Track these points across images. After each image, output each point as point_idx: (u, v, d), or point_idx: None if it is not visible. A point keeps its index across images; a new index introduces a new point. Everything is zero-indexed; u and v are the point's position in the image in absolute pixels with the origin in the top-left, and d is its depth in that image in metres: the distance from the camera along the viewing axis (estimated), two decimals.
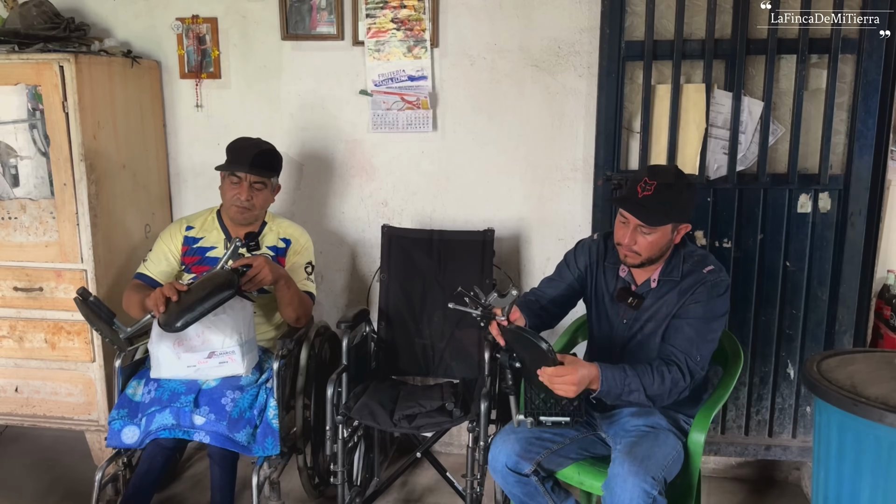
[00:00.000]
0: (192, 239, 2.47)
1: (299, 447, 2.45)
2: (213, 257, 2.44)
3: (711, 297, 1.91)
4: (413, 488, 2.74)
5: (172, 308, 2.08)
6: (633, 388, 1.81)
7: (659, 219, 1.88)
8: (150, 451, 2.20)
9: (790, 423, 2.65)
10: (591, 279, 2.12)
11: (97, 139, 2.53)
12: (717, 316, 1.93)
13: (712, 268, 1.94)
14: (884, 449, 1.44)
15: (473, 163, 2.81)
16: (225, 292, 2.09)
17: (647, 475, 1.75)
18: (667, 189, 1.86)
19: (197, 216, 2.53)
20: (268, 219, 2.52)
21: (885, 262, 2.61)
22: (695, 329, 1.89)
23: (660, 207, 1.86)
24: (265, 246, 2.47)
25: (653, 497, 1.74)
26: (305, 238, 2.54)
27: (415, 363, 2.68)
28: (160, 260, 2.44)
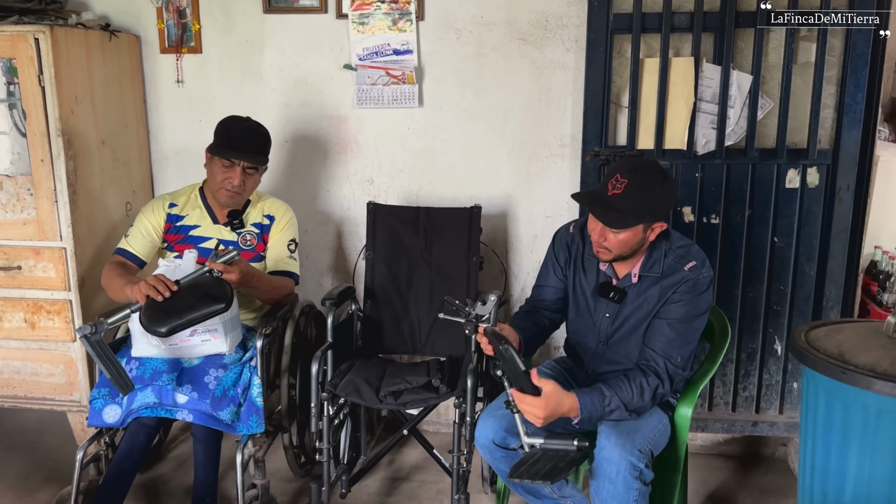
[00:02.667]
0: (176, 216, 2.42)
1: (284, 426, 2.42)
2: (197, 236, 2.40)
3: (693, 296, 1.85)
4: (400, 466, 2.72)
5: (159, 308, 2.02)
6: (613, 406, 1.77)
7: (625, 221, 1.78)
8: (133, 430, 2.17)
9: (777, 399, 2.66)
10: (572, 274, 2.07)
11: (75, 114, 2.48)
12: (699, 314, 1.87)
13: (694, 264, 1.86)
14: (871, 417, 1.44)
15: (460, 139, 2.78)
16: (217, 305, 2.03)
17: (633, 448, 1.74)
18: (639, 188, 1.75)
19: (179, 193, 2.48)
20: (251, 196, 2.48)
21: (873, 238, 2.62)
22: (675, 331, 1.83)
23: (628, 207, 1.76)
24: (249, 223, 2.43)
25: (639, 470, 1.73)
26: (289, 215, 2.50)
27: (401, 341, 2.65)
28: (142, 236, 2.39)
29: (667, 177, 1.80)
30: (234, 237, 2.41)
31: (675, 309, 1.85)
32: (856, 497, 1.51)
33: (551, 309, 2.14)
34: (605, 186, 1.80)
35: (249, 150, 2.32)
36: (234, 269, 2.12)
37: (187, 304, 2.02)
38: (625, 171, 1.77)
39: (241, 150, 2.31)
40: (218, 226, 2.41)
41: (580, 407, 1.75)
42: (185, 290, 2.06)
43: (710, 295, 1.89)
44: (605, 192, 1.79)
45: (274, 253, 2.44)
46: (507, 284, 2.87)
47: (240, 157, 2.30)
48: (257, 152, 2.36)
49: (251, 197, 2.47)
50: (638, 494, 1.74)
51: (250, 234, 2.43)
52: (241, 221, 2.41)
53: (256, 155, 2.35)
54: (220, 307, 2.03)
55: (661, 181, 1.78)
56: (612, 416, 1.79)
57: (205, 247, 2.38)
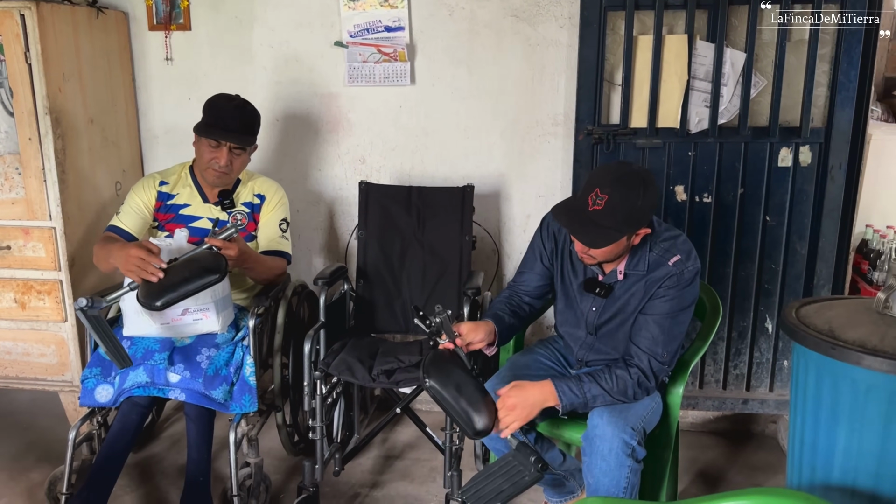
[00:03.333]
0: (166, 195, 2.41)
1: (278, 405, 2.43)
2: (188, 215, 2.39)
3: (678, 290, 1.81)
4: (393, 444, 2.74)
5: (155, 283, 2.00)
6: (594, 393, 1.76)
7: (608, 237, 1.72)
8: (125, 410, 2.17)
9: (767, 376, 2.68)
10: (559, 264, 2.05)
11: (62, 92, 2.45)
12: (685, 307, 1.84)
13: (678, 258, 1.82)
14: (860, 392, 1.45)
15: (452, 117, 2.76)
16: (211, 276, 2.00)
17: (626, 426, 1.75)
18: (620, 202, 1.68)
19: (170, 172, 2.46)
20: (241, 175, 2.46)
21: (864, 217, 2.62)
22: (660, 327, 1.81)
23: (609, 223, 1.70)
24: (239, 203, 2.42)
25: (632, 447, 1.74)
26: (280, 194, 2.48)
27: (394, 321, 2.66)
28: (133, 213, 2.37)
29: (648, 185, 1.72)
30: (224, 217, 2.39)
31: (660, 304, 1.82)
32: (844, 471, 1.53)
33: (532, 295, 2.11)
34: (585, 200, 1.72)
35: (235, 130, 2.29)
36: (233, 245, 2.11)
37: (182, 278, 1.99)
38: (605, 184, 1.69)
39: (227, 130, 2.27)
40: (208, 205, 2.40)
41: (558, 394, 1.75)
42: (181, 265, 2.04)
43: (695, 287, 1.85)
44: (584, 206, 1.71)
45: (265, 233, 2.43)
46: (499, 264, 2.87)
47: (225, 137, 2.27)
48: (244, 132, 2.32)
49: (241, 176, 2.45)
50: (630, 471, 1.75)
51: (241, 213, 2.41)
52: (231, 201, 2.39)
53: (243, 135, 2.31)
54: (214, 278, 2.00)
55: (643, 191, 1.70)
56: (596, 403, 1.77)
57: (195, 226, 2.37)
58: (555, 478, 2.13)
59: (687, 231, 2.55)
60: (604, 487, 1.75)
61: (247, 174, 2.48)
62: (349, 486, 2.46)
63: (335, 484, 2.46)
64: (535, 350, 2.16)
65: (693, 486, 2.50)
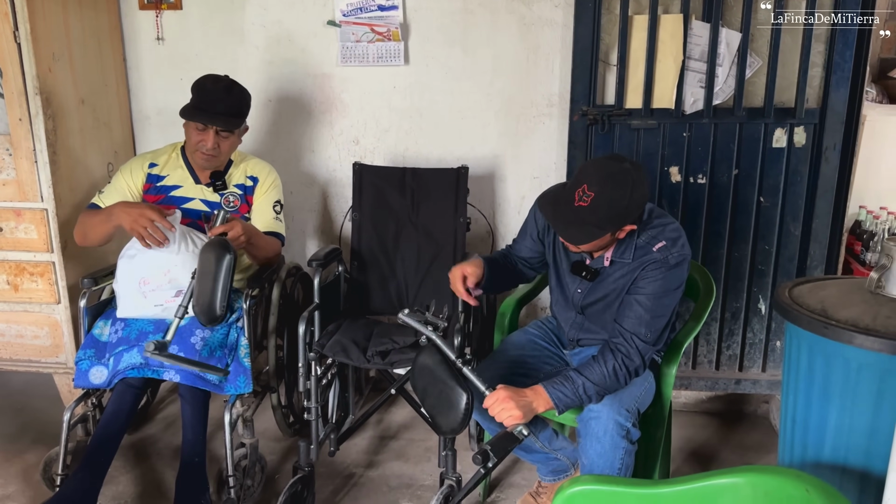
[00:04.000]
0: (156, 177, 2.39)
1: (273, 386, 2.43)
2: (179, 197, 2.37)
3: (664, 273, 1.79)
4: (388, 425, 2.75)
5: (200, 302, 1.99)
6: (587, 389, 1.74)
7: (591, 234, 1.70)
8: (119, 391, 2.17)
9: (760, 357, 2.69)
10: (551, 244, 2.05)
11: (52, 72, 2.42)
12: (671, 290, 1.81)
13: (663, 244, 1.79)
14: (852, 371, 1.46)
15: (447, 98, 2.74)
16: (227, 257, 1.99)
17: (620, 407, 1.76)
18: (606, 202, 1.65)
19: (160, 152, 2.44)
20: (234, 156, 2.44)
21: (858, 198, 2.62)
22: (645, 308, 1.79)
23: (594, 220, 1.67)
24: (232, 185, 2.40)
25: (626, 428, 1.75)
26: (273, 176, 2.47)
27: (388, 302, 2.65)
28: (116, 194, 2.35)
29: (636, 184, 1.67)
30: (216, 198, 2.38)
31: (645, 286, 1.80)
32: (835, 449, 1.54)
33: (525, 264, 2.13)
34: (572, 194, 1.68)
35: (221, 113, 2.25)
36: (235, 223, 2.11)
37: (213, 280, 1.97)
38: (593, 182, 1.65)
39: (212, 113, 2.24)
40: (200, 186, 2.38)
41: (550, 398, 1.73)
42: (202, 273, 2.00)
43: (682, 271, 1.82)
44: (571, 200, 1.68)
45: (259, 215, 2.42)
46: (494, 245, 2.87)
47: (210, 120, 2.24)
48: (230, 115, 2.28)
49: (234, 157, 2.43)
50: (624, 453, 1.76)
51: (233, 195, 2.40)
52: (223, 182, 2.38)
53: (229, 118, 2.27)
54: (229, 258, 1.98)
55: (630, 191, 1.66)
56: (590, 395, 1.76)
57: (187, 207, 2.36)
58: (547, 456, 2.15)
59: (681, 212, 2.55)
60: (598, 469, 1.76)
61: (239, 155, 2.46)
62: (344, 467, 2.48)
63: (330, 464, 2.48)
64: (529, 331, 2.17)
65: (686, 465, 2.52)
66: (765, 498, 1.23)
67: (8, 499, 2.28)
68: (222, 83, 2.29)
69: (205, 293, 1.99)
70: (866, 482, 1.50)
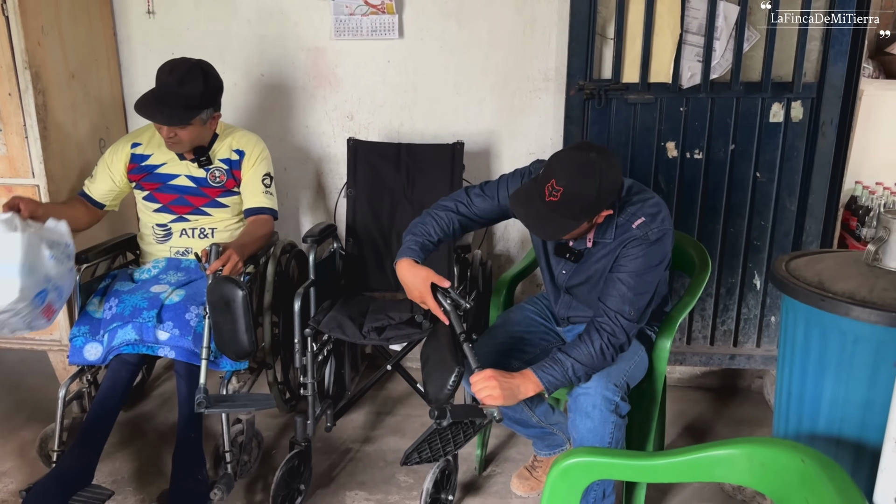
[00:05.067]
0: (141, 156, 2.36)
1: (269, 362, 2.43)
2: (164, 174, 2.35)
3: (644, 249, 1.76)
4: (384, 401, 2.76)
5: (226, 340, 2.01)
6: (576, 370, 1.74)
7: (563, 228, 1.68)
8: (114, 367, 2.16)
9: (755, 332, 2.70)
10: None
11: (42, 46, 2.38)
12: (652, 266, 1.78)
13: (642, 220, 1.76)
14: (848, 343, 1.46)
15: (442, 73, 2.71)
16: (239, 296, 1.96)
17: (608, 382, 1.76)
18: (576, 195, 1.62)
19: (143, 131, 2.41)
20: (219, 129, 2.39)
21: (854, 173, 2.62)
22: (627, 285, 1.77)
23: (566, 213, 1.65)
24: (217, 159, 2.36)
25: (615, 403, 1.76)
26: (260, 148, 2.42)
27: (384, 279, 2.65)
28: (103, 179, 2.36)
29: (605, 173, 1.63)
30: (202, 174, 2.35)
31: (626, 263, 1.78)
32: (830, 421, 1.55)
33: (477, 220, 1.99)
34: (542, 190, 1.65)
35: (166, 112, 2.16)
36: (229, 253, 2.07)
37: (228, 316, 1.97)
38: (560, 176, 1.62)
39: (154, 110, 2.16)
40: (185, 162, 2.35)
41: (540, 381, 1.74)
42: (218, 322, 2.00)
43: (664, 246, 1.78)
44: (542, 196, 1.65)
45: (249, 190, 2.39)
46: None
47: (150, 116, 2.18)
48: (177, 108, 2.16)
49: (219, 130, 2.38)
50: (614, 427, 1.77)
51: (219, 170, 2.37)
52: (207, 157, 2.34)
53: (173, 114, 2.16)
54: (242, 293, 1.96)
55: (599, 182, 1.62)
56: (578, 376, 1.76)
57: (175, 184, 2.34)
58: (543, 431, 2.16)
59: (677, 188, 2.55)
60: (588, 443, 1.77)
61: (225, 128, 2.41)
62: (341, 442, 2.49)
63: (327, 439, 2.48)
64: (525, 307, 2.17)
65: (680, 439, 2.54)
66: (761, 469, 1.24)
67: (4, 475, 2.29)
68: (177, 73, 2.15)
69: (228, 332, 2.00)
70: (861, 453, 1.51)
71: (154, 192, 2.37)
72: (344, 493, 2.23)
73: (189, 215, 2.38)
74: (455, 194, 2.01)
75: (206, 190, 2.36)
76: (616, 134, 2.53)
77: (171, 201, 2.36)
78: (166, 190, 2.35)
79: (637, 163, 2.55)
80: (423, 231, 1.93)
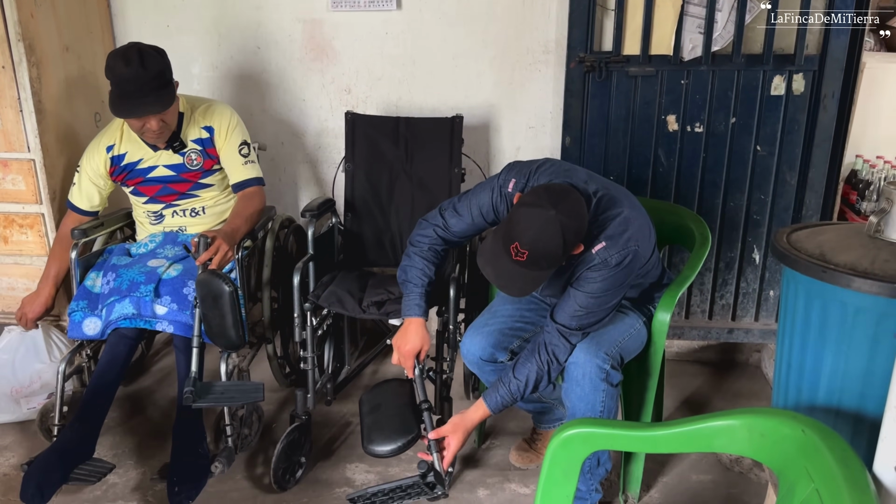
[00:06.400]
0: (118, 157, 2.32)
1: (268, 337, 2.43)
2: (143, 168, 2.32)
3: (604, 275, 1.70)
4: (384, 375, 2.77)
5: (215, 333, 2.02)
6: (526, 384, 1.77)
7: (535, 283, 1.63)
8: (113, 342, 2.17)
9: (753, 307, 2.71)
10: None
11: (35, 18, 2.35)
12: (613, 288, 1.73)
13: (602, 246, 1.69)
14: (849, 315, 1.46)
15: (441, 45, 2.68)
16: (225, 293, 1.96)
17: (598, 351, 1.77)
18: (542, 255, 1.57)
19: (110, 132, 2.33)
20: (183, 108, 2.31)
21: (855, 147, 2.61)
22: (580, 304, 1.73)
23: (534, 268, 1.59)
24: (189, 140, 2.32)
25: (606, 371, 1.76)
26: (227, 117, 2.34)
27: (383, 254, 2.64)
28: (86, 187, 2.34)
29: (569, 226, 1.57)
30: (179, 159, 2.31)
31: (584, 284, 1.74)
32: (829, 392, 1.55)
33: (456, 242, 2.01)
34: (508, 250, 1.59)
35: (149, 100, 2.08)
36: (217, 244, 2.05)
37: (216, 311, 1.98)
38: (524, 239, 1.56)
39: (140, 103, 2.08)
40: (159, 152, 2.31)
41: (487, 406, 1.81)
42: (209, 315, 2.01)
43: (627, 269, 1.71)
44: (508, 255, 1.59)
45: (228, 163, 2.35)
46: None
47: (143, 111, 2.10)
48: (159, 90, 2.10)
49: (183, 110, 2.31)
50: (605, 395, 1.78)
51: (194, 152, 2.32)
52: (181, 142, 2.30)
53: (159, 97, 2.10)
54: (229, 290, 1.96)
55: (563, 235, 1.56)
56: (535, 392, 1.81)
57: (154, 176, 2.32)
58: (544, 406, 2.17)
59: (677, 162, 2.53)
60: (580, 412, 1.79)
61: (187, 106, 2.33)
62: (340, 416, 2.50)
63: (327, 413, 2.49)
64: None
65: (678, 412, 2.55)
66: (761, 439, 1.24)
67: (6, 449, 2.30)
68: (134, 61, 2.05)
69: (217, 325, 2.00)
70: (859, 424, 1.52)
71: (139, 187, 2.34)
72: (344, 465, 2.24)
73: (177, 201, 2.37)
74: (431, 216, 2.00)
75: (186, 175, 2.33)
76: (616, 107, 2.51)
77: (157, 192, 2.34)
78: (149, 183, 2.33)
79: (637, 136, 2.53)
80: (418, 277, 1.96)
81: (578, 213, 1.61)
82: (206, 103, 2.36)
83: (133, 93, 2.07)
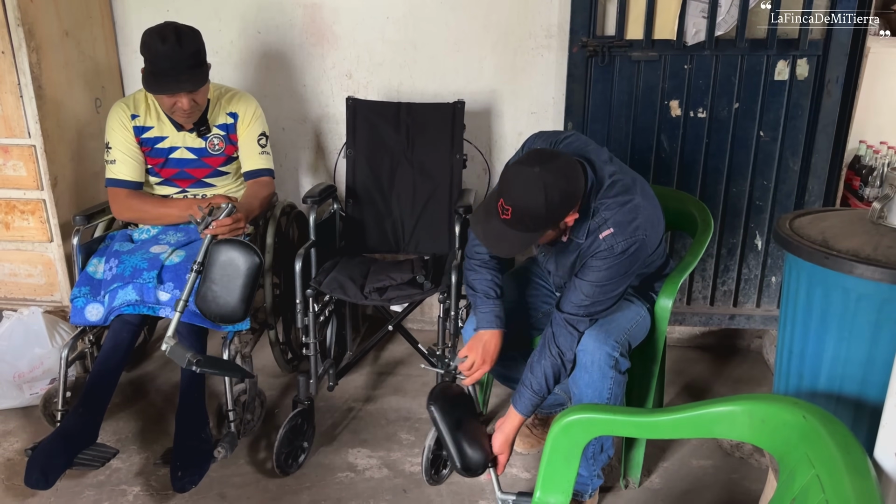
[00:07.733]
0: (141, 128, 2.29)
1: (270, 323, 2.44)
2: (165, 148, 2.30)
3: (609, 263, 1.69)
4: (386, 361, 2.77)
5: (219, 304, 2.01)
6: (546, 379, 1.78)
7: (521, 244, 1.63)
8: (116, 328, 2.17)
9: (755, 293, 2.71)
10: None
11: (34, 2, 2.34)
12: (618, 276, 1.72)
13: (610, 232, 1.66)
14: (851, 301, 1.46)
15: (442, 30, 2.67)
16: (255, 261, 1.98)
17: (608, 338, 1.77)
18: (525, 212, 1.57)
19: (136, 101, 2.30)
20: (210, 94, 2.32)
21: (858, 132, 2.60)
22: (586, 294, 1.73)
23: (521, 228, 1.60)
24: (214, 126, 2.33)
25: (615, 359, 1.76)
26: (253, 107, 2.37)
27: (384, 240, 2.64)
28: (127, 159, 2.28)
29: (552, 184, 1.55)
30: (201, 143, 2.31)
31: (590, 273, 1.73)
32: (831, 378, 1.55)
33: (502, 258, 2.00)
34: (496, 207, 1.60)
35: (184, 78, 2.10)
36: (240, 216, 2.07)
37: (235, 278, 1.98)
38: (508, 195, 1.57)
39: (176, 80, 2.09)
40: (183, 133, 2.30)
41: (517, 411, 1.82)
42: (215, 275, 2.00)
43: (633, 257, 1.69)
44: (497, 214, 1.61)
45: (246, 152, 2.36)
46: (490, 183, 2.84)
47: (177, 88, 2.10)
48: (194, 69, 2.12)
49: (210, 95, 2.32)
50: (613, 383, 1.78)
51: (217, 137, 2.33)
52: (206, 126, 2.30)
53: (193, 75, 2.12)
54: (258, 261, 1.98)
55: (546, 194, 1.54)
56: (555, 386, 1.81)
57: (175, 157, 2.31)
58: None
59: (680, 147, 2.52)
60: (587, 398, 1.79)
61: (216, 91, 2.35)
62: (343, 401, 2.51)
63: (329, 398, 2.50)
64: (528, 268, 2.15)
65: (679, 398, 2.56)
66: (762, 425, 1.25)
67: (9, 434, 2.31)
68: (170, 39, 2.07)
69: (222, 294, 1.98)
70: (860, 410, 1.52)
71: (156, 168, 2.34)
72: (347, 450, 2.25)
73: (191, 188, 2.37)
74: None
75: (207, 160, 2.34)
76: (619, 92, 2.50)
77: (173, 175, 2.34)
78: (168, 165, 2.32)
79: (640, 122, 2.52)
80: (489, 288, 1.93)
81: (565, 174, 1.59)
82: (232, 91, 2.38)
83: (168, 70, 2.08)
